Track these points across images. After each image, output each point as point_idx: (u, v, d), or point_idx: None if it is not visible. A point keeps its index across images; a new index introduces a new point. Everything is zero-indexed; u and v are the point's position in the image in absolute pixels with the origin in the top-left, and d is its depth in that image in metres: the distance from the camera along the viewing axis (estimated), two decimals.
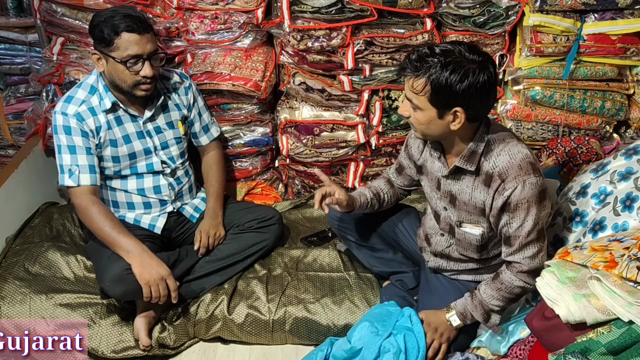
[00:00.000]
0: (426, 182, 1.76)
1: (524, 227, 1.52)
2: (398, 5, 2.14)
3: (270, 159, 2.59)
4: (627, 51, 2.20)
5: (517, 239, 1.55)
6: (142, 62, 1.83)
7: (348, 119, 2.38)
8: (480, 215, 1.62)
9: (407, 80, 1.48)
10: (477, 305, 1.65)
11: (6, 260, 2.08)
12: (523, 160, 1.50)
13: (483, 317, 1.66)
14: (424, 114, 1.48)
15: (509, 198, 1.50)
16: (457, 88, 1.40)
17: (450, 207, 1.68)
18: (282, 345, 1.99)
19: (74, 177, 1.87)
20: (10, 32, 2.51)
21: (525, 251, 1.56)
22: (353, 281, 2.06)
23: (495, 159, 1.52)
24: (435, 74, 1.40)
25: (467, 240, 1.69)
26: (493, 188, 1.53)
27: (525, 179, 1.48)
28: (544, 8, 2.14)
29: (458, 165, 1.56)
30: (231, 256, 2.08)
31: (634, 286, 1.19)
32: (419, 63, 1.43)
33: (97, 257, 1.94)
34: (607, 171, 1.72)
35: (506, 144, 1.54)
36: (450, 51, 1.42)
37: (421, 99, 1.45)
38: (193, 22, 2.26)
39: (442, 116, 1.46)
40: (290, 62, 2.29)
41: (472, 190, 1.59)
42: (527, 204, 1.50)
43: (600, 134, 2.41)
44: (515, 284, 1.60)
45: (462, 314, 1.68)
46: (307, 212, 2.51)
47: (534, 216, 1.51)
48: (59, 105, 1.91)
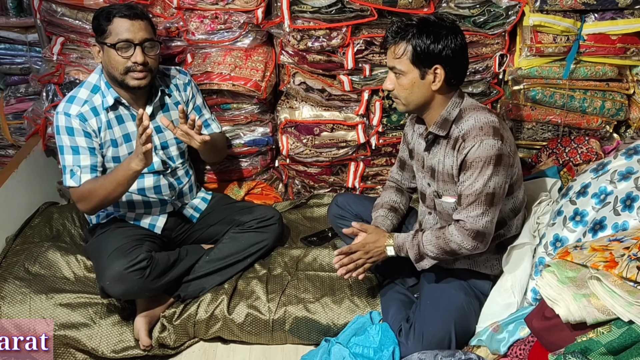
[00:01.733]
0: (415, 165, 1.86)
1: (474, 185, 1.59)
2: (398, 5, 2.14)
3: (270, 159, 2.59)
4: (627, 51, 2.20)
5: (466, 197, 1.61)
6: (133, 48, 1.84)
7: (348, 119, 2.38)
8: (452, 183, 1.70)
9: (389, 51, 1.63)
10: (415, 245, 1.72)
11: (6, 260, 2.08)
12: (486, 124, 1.59)
13: (415, 257, 1.73)
14: (407, 78, 1.61)
15: (466, 156, 1.59)
16: (434, 46, 1.56)
17: (431, 182, 1.77)
18: (282, 345, 1.99)
19: (76, 177, 1.88)
20: (10, 32, 2.51)
21: (470, 210, 1.61)
22: (353, 281, 2.06)
23: (463, 124, 1.63)
24: (415, 36, 1.57)
25: (445, 211, 1.75)
26: (456, 149, 1.63)
27: (483, 139, 1.57)
28: (544, 8, 2.14)
29: (432, 130, 1.68)
30: (231, 256, 2.08)
31: (634, 286, 1.19)
32: (398, 30, 1.59)
33: (97, 256, 1.94)
34: (608, 171, 1.72)
35: (476, 112, 1.64)
36: (423, 19, 1.61)
37: (403, 61, 1.59)
38: (193, 22, 2.26)
39: (424, 76, 1.60)
40: (290, 62, 2.29)
41: (444, 158, 1.68)
42: (482, 162, 1.57)
43: (600, 134, 2.41)
44: (452, 239, 1.64)
45: (400, 247, 1.75)
46: (307, 212, 2.52)
47: (485, 177, 1.57)
48: (61, 105, 1.90)
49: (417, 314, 1.77)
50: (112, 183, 1.84)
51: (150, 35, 1.89)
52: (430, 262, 1.72)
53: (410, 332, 1.74)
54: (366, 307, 1.97)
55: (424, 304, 1.78)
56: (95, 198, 1.87)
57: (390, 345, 1.75)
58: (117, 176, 1.83)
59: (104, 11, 1.86)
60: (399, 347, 1.75)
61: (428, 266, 1.73)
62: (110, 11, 1.85)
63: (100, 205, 1.92)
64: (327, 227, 2.39)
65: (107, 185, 1.85)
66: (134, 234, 1.98)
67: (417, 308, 1.80)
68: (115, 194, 1.86)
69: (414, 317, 1.77)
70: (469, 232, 1.62)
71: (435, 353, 1.64)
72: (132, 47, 1.84)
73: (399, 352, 1.74)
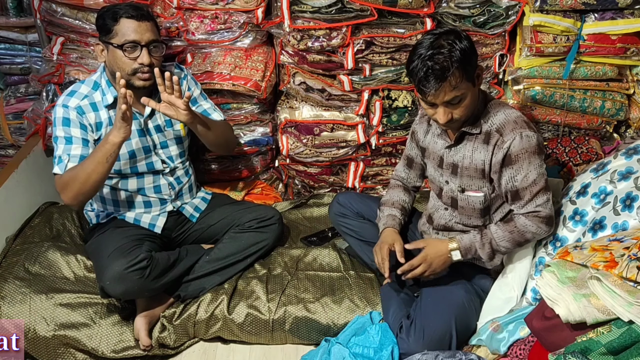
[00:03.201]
0: (430, 163, 1.85)
1: (529, 176, 1.61)
2: (398, 5, 2.14)
3: (270, 158, 2.59)
4: (627, 51, 2.20)
5: (526, 190, 1.63)
6: (140, 49, 1.84)
7: (348, 119, 2.38)
8: (481, 178, 1.70)
9: (436, 92, 1.51)
10: (486, 244, 1.70)
11: (6, 260, 2.08)
12: (518, 117, 1.63)
13: (488, 256, 1.72)
14: (468, 97, 1.56)
15: (509, 150, 1.60)
16: (467, 50, 1.52)
17: (452, 179, 1.76)
18: (282, 345, 1.99)
19: (62, 164, 1.83)
20: (10, 32, 2.52)
21: (537, 199, 1.64)
22: (353, 280, 2.06)
23: (493, 118, 1.65)
24: (455, 55, 1.49)
25: (470, 205, 1.75)
26: (492, 144, 1.63)
27: (522, 132, 1.59)
28: (544, 8, 2.14)
29: (465, 130, 1.67)
30: (231, 256, 2.08)
31: (634, 286, 1.19)
32: (436, 69, 1.48)
33: (97, 256, 1.94)
34: (608, 170, 1.72)
35: (501, 106, 1.67)
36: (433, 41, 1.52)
37: (462, 85, 1.53)
38: (193, 22, 2.26)
39: (474, 84, 1.59)
40: (290, 62, 2.29)
41: (472, 153, 1.68)
42: (527, 154, 1.59)
43: (600, 133, 2.41)
44: (527, 229, 1.66)
45: (467, 249, 1.72)
46: (307, 212, 2.52)
47: (536, 166, 1.61)
48: (61, 98, 1.91)
49: (418, 310, 1.77)
50: (92, 162, 1.76)
51: (156, 37, 1.89)
52: (500, 257, 1.75)
53: (411, 329, 1.74)
54: (366, 307, 1.97)
55: (424, 301, 1.79)
56: (76, 183, 1.78)
57: (389, 345, 1.75)
58: (96, 155, 1.76)
59: (109, 10, 1.85)
60: (397, 347, 1.75)
61: (498, 262, 1.76)
62: (117, 11, 1.84)
63: (82, 192, 1.81)
64: (327, 227, 2.39)
65: (86, 165, 1.77)
66: (134, 233, 1.98)
67: (418, 305, 1.80)
68: (95, 176, 1.77)
69: (415, 314, 1.77)
70: (544, 220, 1.64)
71: (436, 354, 1.64)
72: (138, 48, 1.84)
73: (398, 351, 1.74)
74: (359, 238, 2.03)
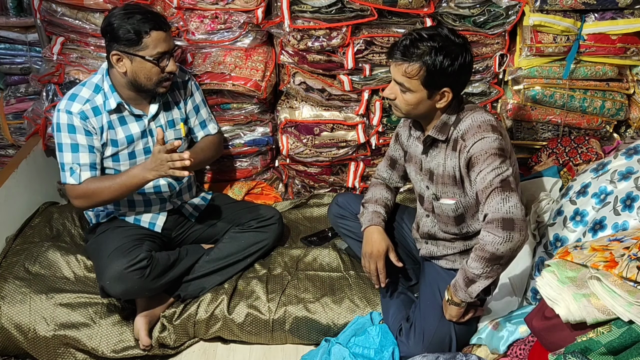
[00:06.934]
0: (411, 167, 1.84)
1: (486, 178, 1.54)
2: (398, 4, 2.14)
3: (270, 158, 2.59)
4: (627, 51, 2.20)
5: (482, 192, 1.55)
6: (167, 59, 1.85)
7: (348, 119, 2.38)
8: (453, 185, 1.68)
9: (396, 64, 1.57)
10: (462, 271, 1.60)
11: (6, 260, 2.08)
12: (484, 122, 1.60)
13: (464, 282, 1.59)
14: (414, 96, 1.58)
15: (470, 153, 1.58)
16: (449, 70, 1.53)
17: (430, 184, 1.76)
18: (282, 345, 1.99)
19: (76, 175, 1.87)
20: (10, 32, 2.51)
21: (490, 202, 1.51)
22: (353, 280, 2.06)
23: (460, 125, 1.63)
24: (430, 59, 1.52)
25: (444, 213, 1.74)
26: (457, 149, 1.63)
27: (483, 135, 1.57)
28: (544, 8, 2.14)
29: (431, 134, 1.66)
30: (231, 256, 2.08)
31: (634, 286, 1.19)
32: (411, 48, 1.53)
33: (97, 256, 1.94)
34: (608, 170, 1.72)
35: (473, 112, 1.64)
36: (437, 35, 1.54)
37: (414, 82, 1.56)
38: (193, 22, 2.26)
39: (431, 96, 1.59)
40: (290, 61, 2.29)
41: (444, 161, 1.67)
42: (486, 155, 1.56)
43: (600, 133, 2.41)
44: (484, 241, 1.50)
45: (453, 285, 1.63)
46: (307, 212, 2.52)
47: (494, 167, 1.54)
48: (62, 102, 1.89)
49: (417, 313, 1.77)
50: (122, 187, 1.85)
51: (174, 42, 1.91)
52: (483, 282, 1.55)
53: (410, 332, 1.74)
54: (366, 307, 1.97)
55: (424, 303, 1.78)
56: (98, 198, 1.88)
57: (389, 346, 1.75)
58: (127, 182, 1.84)
59: (129, 20, 1.77)
60: (398, 348, 1.75)
61: (482, 288, 1.56)
62: (144, 23, 1.77)
63: (99, 205, 1.94)
64: (327, 227, 2.39)
65: (114, 188, 1.86)
66: (134, 233, 1.98)
67: (417, 307, 1.80)
68: (119, 198, 1.89)
69: (414, 317, 1.77)
70: (496, 224, 1.47)
71: (437, 356, 1.64)
72: (166, 57, 1.85)
73: (399, 353, 1.74)
74: (358, 239, 2.01)
